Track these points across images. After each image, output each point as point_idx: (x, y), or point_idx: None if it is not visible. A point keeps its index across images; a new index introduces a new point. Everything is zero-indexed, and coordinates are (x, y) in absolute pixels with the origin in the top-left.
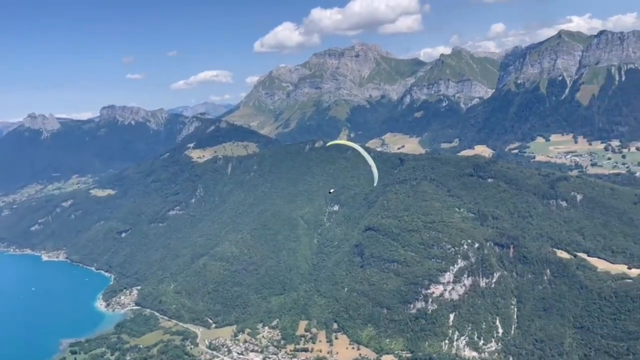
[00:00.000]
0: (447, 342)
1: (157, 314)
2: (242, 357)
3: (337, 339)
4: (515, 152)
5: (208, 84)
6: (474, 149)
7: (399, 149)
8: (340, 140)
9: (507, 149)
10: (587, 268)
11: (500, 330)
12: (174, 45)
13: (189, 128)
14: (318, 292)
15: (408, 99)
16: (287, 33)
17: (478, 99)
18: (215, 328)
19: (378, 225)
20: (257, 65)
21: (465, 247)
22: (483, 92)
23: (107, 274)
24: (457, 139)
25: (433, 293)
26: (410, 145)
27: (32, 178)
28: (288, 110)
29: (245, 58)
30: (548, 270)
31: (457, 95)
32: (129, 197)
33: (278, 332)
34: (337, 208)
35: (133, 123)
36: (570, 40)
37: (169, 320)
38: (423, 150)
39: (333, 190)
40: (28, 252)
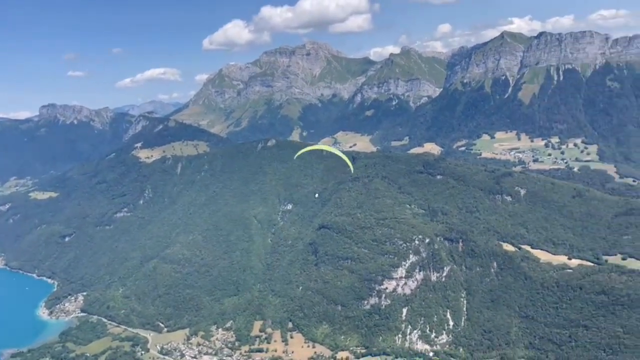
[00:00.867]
0: (400, 336)
1: (104, 321)
2: None
3: (292, 338)
4: (463, 149)
5: (155, 82)
6: (424, 147)
7: (351, 148)
8: (306, 149)
9: (454, 147)
10: (530, 260)
11: (451, 323)
12: (119, 42)
13: (136, 127)
14: (272, 291)
15: (359, 98)
16: (237, 31)
17: (427, 98)
18: (167, 332)
19: (332, 223)
20: (206, 63)
21: (417, 242)
22: (431, 91)
23: (49, 281)
24: (407, 137)
25: (386, 288)
26: (362, 144)
27: None
28: (239, 109)
29: (194, 56)
30: (495, 263)
31: (406, 94)
32: (73, 199)
33: (232, 333)
34: (290, 207)
35: (76, 122)
36: (512, 41)
37: (118, 326)
38: (374, 149)
39: (317, 195)
40: None
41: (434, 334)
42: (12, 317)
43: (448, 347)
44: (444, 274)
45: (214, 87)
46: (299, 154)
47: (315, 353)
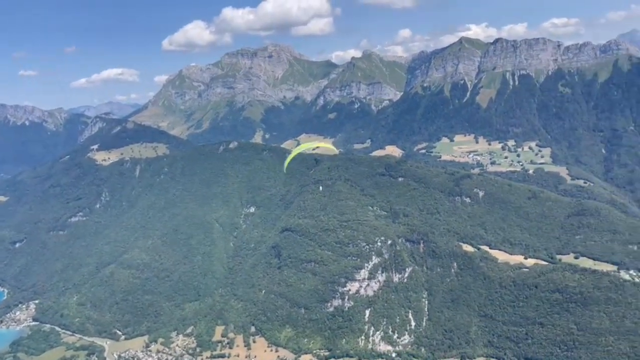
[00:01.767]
0: (363, 337)
1: (58, 329)
2: None
3: (255, 343)
4: (423, 152)
5: (112, 83)
6: (385, 149)
7: (314, 150)
8: (292, 154)
9: (415, 149)
10: (489, 260)
11: (413, 323)
12: (73, 41)
13: (92, 129)
14: (235, 295)
15: (321, 101)
16: (197, 31)
17: (388, 101)
18: (125, 340)
19: (295, 226)
20: (165, 64)
21: (379, 244)
22: (392, 94)
23: None
24: (369, 140)
25: (349, 290)
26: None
27: None
28: (200, 111)
29: (153, 56)
30: (455, 264)
31: (368, 98)
32: (24, 203)
33: (193, 339)
34: (253, 210)
35: (27, 124)
36: (470, 47)
37: (72, 335)
38: (337, 151)
39: (322, 189)
40: None
41: (397, 335)
42: None
43: (410, 347)
44: (406, 275)
45: (174, 88)
46: (287, 165)
47: (279, 357)
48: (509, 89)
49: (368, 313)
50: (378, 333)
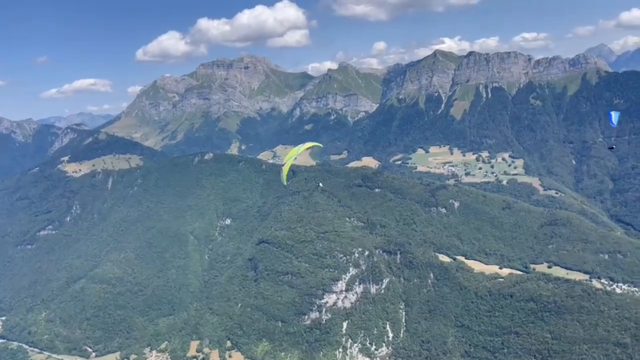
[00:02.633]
0: (341, 350)
1: (25, 347)
2: None
3: (231, 357)
4: (399, 163)
5: (84, 93)
6: (362, 161)
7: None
8: (287, 165)
9: (391, 160)
10: (465, 270)
11: (390, 335)
12: (44, 51)
13: (63, 140)
14: (210, 309)
15: (298, 112)
16: (172, 42)
17: (364, 113)
18: (96, 357)
19: (272, 238)
20: (139, 75)
21: (356, 255)
22: (368, 106)
23: None
24: (345, 151)
25: (327, 303)
26: (301, 157)
27: None
28: (175, 122)
29: (126, 67)
30: (432, 274)
31: (344, 109)
32: None
33: (167, 355)
34: (229, 222)
35: None
36: (444, 60)
37: (41, 353)
38: (314, 162)
39: (322, 185)
40: None
41: (374, 347)
42: None
43: (388, 359)
44: (383, 286)
45: (148, 98)
46: (285, 176)
47: None
48: (482, 101)
49: (345, 325)
50: (355, 345)
